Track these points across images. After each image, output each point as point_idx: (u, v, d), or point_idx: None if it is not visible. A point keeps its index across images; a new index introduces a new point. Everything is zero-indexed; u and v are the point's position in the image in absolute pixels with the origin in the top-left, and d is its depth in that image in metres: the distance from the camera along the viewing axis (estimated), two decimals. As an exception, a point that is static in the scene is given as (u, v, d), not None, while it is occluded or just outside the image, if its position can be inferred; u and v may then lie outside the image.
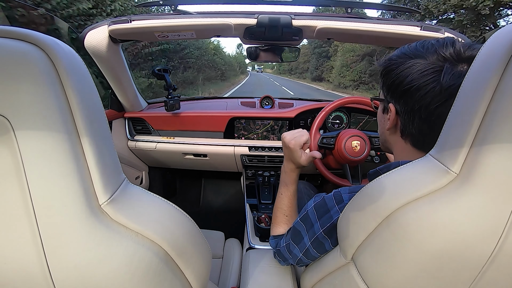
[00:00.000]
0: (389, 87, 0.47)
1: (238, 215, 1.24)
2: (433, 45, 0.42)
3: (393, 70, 0.45)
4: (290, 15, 0.86)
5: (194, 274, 0.37)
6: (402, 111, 0.46)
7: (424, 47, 0.43)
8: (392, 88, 0.46)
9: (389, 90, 0.47)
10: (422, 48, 0.43)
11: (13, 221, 0.25)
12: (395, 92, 0.45)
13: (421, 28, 0.81)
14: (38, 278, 0.26)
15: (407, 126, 0.46)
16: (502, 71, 0.26)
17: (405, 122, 0.46)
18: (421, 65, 0.41)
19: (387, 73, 0.47)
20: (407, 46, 0.46)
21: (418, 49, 0.44)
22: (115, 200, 0.29)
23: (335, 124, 1.24)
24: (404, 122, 0.47)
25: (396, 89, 0.45)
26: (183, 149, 1.24)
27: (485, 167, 0.27)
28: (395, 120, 0.48)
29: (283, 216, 0.69)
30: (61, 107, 0.25)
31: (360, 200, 0.40)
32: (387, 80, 0.47)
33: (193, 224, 0.38)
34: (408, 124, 0.46)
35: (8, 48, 0.23)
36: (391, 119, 0.48)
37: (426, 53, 0.42)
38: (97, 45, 0.89)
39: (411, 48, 0.45)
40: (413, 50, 0.44)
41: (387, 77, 0.47)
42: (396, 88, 0.45)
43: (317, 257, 0.55)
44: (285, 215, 0.69)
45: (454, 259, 0.30)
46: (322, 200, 0.52)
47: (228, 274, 0.84)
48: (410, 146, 0.48)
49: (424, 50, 0.43)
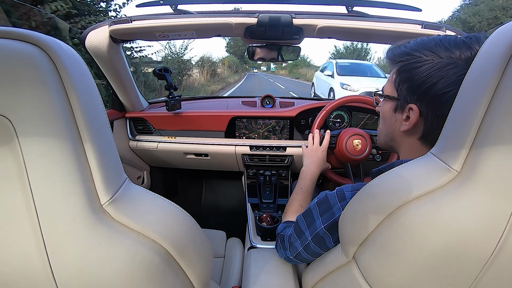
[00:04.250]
0: (415, 88, 0.42)
1: (240, 214, 1.24)
2: (466, 42, 0.38)
3: (417, 68, 0.41)
4: (290, 14, 0.85)
5: (196, 274, 0.37)
6: (431, 115, 0.42)
7: (451, 44, 0.38)
8: (421, 90, 0.41)
9: (414, 90, 0.43)
10: (449, 44, 0.39)
11: (15, 221, 0.25)
12: (425, 95, 0.41)
13: (422, 26, 0.81)
14: (41, 278, 0.26)
15: (433, 131, 0.42)
16: (503, 70, 0.26)
17: (431, 127, 0.43)
18: (457, 68, 0.37)
19: (409, 71, 0.42)
20: (429, 39, 0.41)
21: (445, 46, 0.39)
22: (117, 200, 0.29)
23: (336, 123, 1.24)
24: (430, 126, 0.43)
25: (427, 92, 0.41)
26: (184, 148, 1.24)
27: (487, 165, 0.27)
28: (418, 123, 0.44)
29: (299, 205, 0.77)
30: (63, 108, 0.25)
31: (361, 198, 0.40)
32: (409, 79, 0.42)
33: (194, 223, 0.38)
34: (437, 129, 0.40)
35: (9, 49, 0.23)
36: (412, 121, 0.44)
37: (458, 51, 0.37)
38: (98, 45, 0.90)
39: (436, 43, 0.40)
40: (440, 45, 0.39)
41: (410, 76, 0.42)
42: (426, 91, 0.40)
43: (317, 253, 0.55)
44: (300, 205, 0.77)
45: (456, 257, 0.30)
46: (325, 197, 0.52)
47: (229, 273, 0.84)
48: (424, 148, 0.45)
49: (451, 46, 0.38)
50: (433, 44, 0.40)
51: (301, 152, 1.20)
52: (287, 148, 1.20)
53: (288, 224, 0.69)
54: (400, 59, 0.44)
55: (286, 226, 0.68)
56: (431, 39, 0.41)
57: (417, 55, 0.41)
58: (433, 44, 0.40)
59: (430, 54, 0.40)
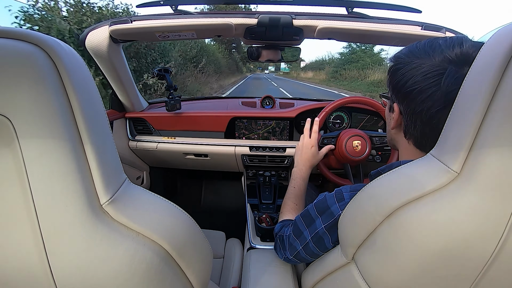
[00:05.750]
0: (394, 87, 0.46)
1: (239, 215, 1.24)
2: (440, 45, 0.41)
3: (399, 69, 0.44)
4: (290, 15, 0.86)
5: (195, 274, 0.37)
6: (405, 113, 0.46)
7: (431, 47, 0.42)
8: (397, 88, 0.45)
9: (394, 90, 0.47)
10: (429, 47, 0.42)
11: (14, 221, 0.25)
12: (399, 93, 0.45)
13: (422, 27, 0.81)
14: (40, 277, 0.26)
15: (409, 128, 0.46)
16: (503, 71, 0.26)
17: (407, 124, 0.46)
18: (425, 67, 0.40)
19: (394, 72, 0.46)
20: (416, 44, 0.45)
21: (426, 49, 0.42)
22: (116, 200, 0.29)
23: (336, 124, 1.24)
24: (406, 123, 0.46)
25: (400, 90, 0.45)
26: (184, 149, 1.24)
27: (486, 166, 0.27)
28: (399, 120, 0.48)
29: (293, 204, 0.77)
30: (63, 108, 0.25)
31: (361, 199, 0.40)
32: (393, 80, 0.46)
33: (194, 224, 0.38)
34: (410, 126, 0.45)
35: (9, 48, 0.23)
36: (394, 118, 0.48)
37: (433, 53, 0.41)
38: (98, 45, 0.90)
39: (420, 47, 0.43)
40: (421, 49, 0.43)
41: (393, 76, 0.46)
42: (400, 89, 0.44)
43: (315, 253, 0.55)
44: (294, 203, 0.77)
45: (456, 258, 0.30)
46: (323, 198, 0.53)
47: (229, 274, 0.84)
48: (413, 147, 0.48)
49: (431, 50, 0.41)
50: (418, 48, 0.43)
51: None
52: (286, 149, 1.20)
53: (284, 223, 0.69)
54: (392, 62, 0.48)
55: (283, 226, 0.68)
56: (419, 43, 0.44)
57: (402, 58, 0.45)
58: (418, 48, 0.43)
59: (411, 56, 0.43)
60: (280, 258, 0.68)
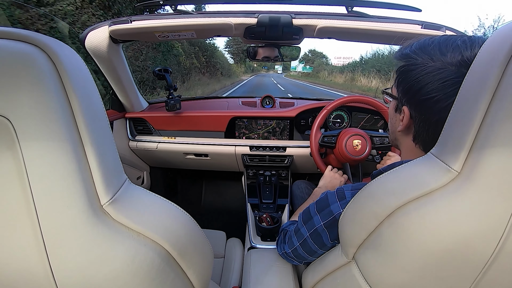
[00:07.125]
0: (406, 91, 0.43)
1: (240, 214, 1.24)
2: (459, 46, 0.37)
3: (411, 71, 0.41)
4: (290, 14, 0.86)
5: (196, 274, 0.37)
6: (418, 119, 0.43)
7: (448, 46, 0.38)
8: (410, 93, 0.42)
9: (405, 93, 0.44)
10: (445, 47, 0.39)
11: (15, 222, 0.25)
12: (413, 98, 0.42)
13: (422, 26, 0.81)
14: (41, 278, 0.26)
15: (421, 134, 0.44)
16: (503, 70, 0.26)
17: (419, 130, 0.44)
18: (444, 73, 0.37)
19: (405, 73, 0.43)
20: (429, 42, 0.41)
21: (441, 49, 0.39)
22: (117, 200, 0.29)
23: (336, 123, 1.24)
24: (418, 129, 0.44)
25: (414, 96, 0.42)
26: (184, 149, 1.24)
27: (487, 166, 0.27)
28: (408, 124, 0.45)
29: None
30: (63, 108, 0.25)
31: (361, 198, 0.40)
32: (403, 81, 0.43)
33: (194, 223, 0.38)
34: (423, 133, 0.43)
35: (9, 49, 0.23)
36: (404, 122, 0.45)
37: (451, 54, 0.37)
38: (98, 46, 0.90)
39: (434, 45, 0.40)
40: (437, 48, 0.39)
41: (404, 78, 0.43)
42: (414, 94, 0.41)
43: (313, 250, 0.55)
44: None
45: (456, 258, 0.30)
46: (325, 196, 0.53)
47: (229, 273, 0.84)
48: (419, 149, 0.46)
49: (447, 50, 0.38)
50: (431, 47, 0.40)
51: (300, 152, 1.21)
52: (287, 148, 1.20)
53: (293, 222, 0.71)
54: (401, 60, 0.44)
55: (291, 223, 0.70)
56: (432, 41, 0.41)
57: (414, 57, 0.42)
58: (431, 47, 0.40)
59: (425, 57, 0.40)
60: (279, 255, 0.69)
